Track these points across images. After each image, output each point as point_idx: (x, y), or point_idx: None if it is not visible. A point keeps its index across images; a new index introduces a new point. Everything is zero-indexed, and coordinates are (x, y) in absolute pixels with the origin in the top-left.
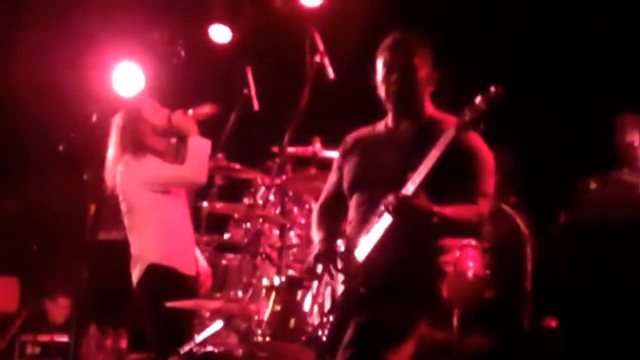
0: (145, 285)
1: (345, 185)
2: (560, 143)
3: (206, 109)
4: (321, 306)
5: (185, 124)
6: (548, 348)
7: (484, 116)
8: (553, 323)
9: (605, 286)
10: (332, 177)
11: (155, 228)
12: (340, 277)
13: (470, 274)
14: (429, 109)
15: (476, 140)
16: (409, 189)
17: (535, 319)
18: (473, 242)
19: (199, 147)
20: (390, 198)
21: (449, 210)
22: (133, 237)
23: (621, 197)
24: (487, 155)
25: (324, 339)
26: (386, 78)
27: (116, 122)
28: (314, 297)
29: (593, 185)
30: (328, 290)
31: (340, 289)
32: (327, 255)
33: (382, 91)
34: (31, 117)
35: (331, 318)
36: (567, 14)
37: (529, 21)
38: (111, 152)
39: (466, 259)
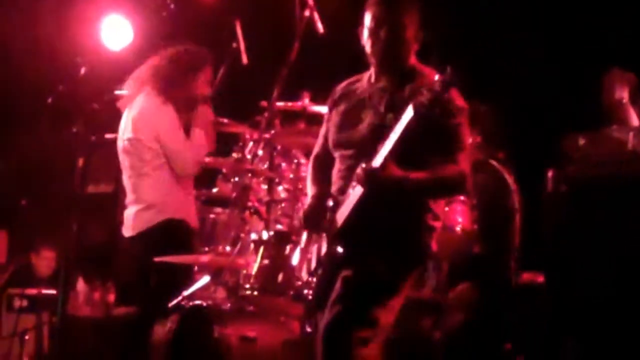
0: (156, 238)
1: (329, 142)
2: (548, 98)
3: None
4: (308, 263)
5: (207, 116)
6: (533, 303)
7: (439, 97)
8: (540, 278)
9: (593, 243)
10: (323, 129)
11: (173, 181)
12: (324, 236)
13: (458, 228)
14: (413, 61)
15: (453, 96)
16: (377, 161)
17: (522, 274)
18: (461, 197)
19: (204, 144)
20: (359, 170)
21: (425, 175)
22: (144, 187)
23: (610, 153)
24: (461, 108)
25: (310, 296)
26: (373, 33)
27: (172, 53)
28: (303, 252)
29: (582, 142)
30: (315, 247)
31: (325, 247)
32: (314, 213)
33: (367, 45)
34: (19, 71)
35: (316, 276)
36: None
37: None
38: (132, 82)
39: (454, 214)
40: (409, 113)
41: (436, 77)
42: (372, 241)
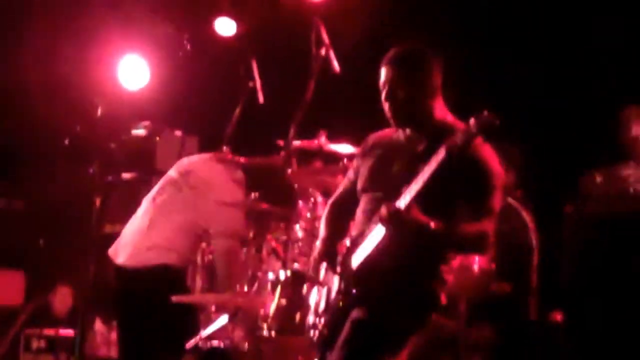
0: (146, 279)
1: (358, 186)
2: (566, 136)
3: None
4: (317, 306)
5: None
6: (553, 341)
7: (474, 140)
8: (558, 316)
9: (610, 280)
10: (350, 175)
11: (183, 231)
12: (336, 279)
13: (475, 267)
14: (439, 115)
15: (485, 152)
16: (402, 202)
17: (540, 313)
18: None
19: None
20: (383, 209)
21: (446, 228)
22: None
23: (627, 191)
24: (495, 170)
25: (315, 339)
26: (382, 95)
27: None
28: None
29: (599, 179)
30: (324, 290)
31: (336, 288)
32: (326, 255)
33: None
34: (37, 111)
35: (324, 318)
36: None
37: (534, 17)
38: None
39: None
40: (440, 154)
41: (471, 121)
42: (386, 285)
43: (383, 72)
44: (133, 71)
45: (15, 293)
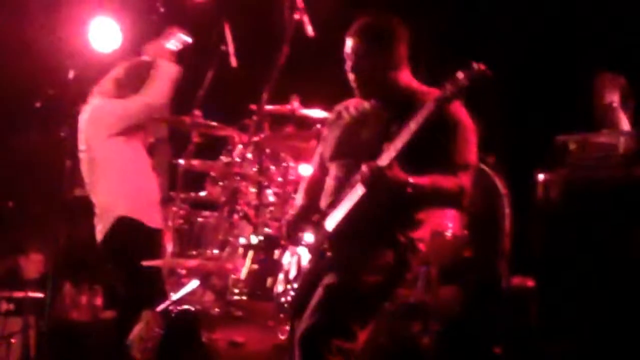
0: (113, 240)
1: (326, 154)
2: (538, 102)
3: (181, 38)
4: (286, 273)
5: (160, 50)
6: (523, 307)
7: (464, 91)
8: (529, 283)
9: (584, 247)
10: (319, 148)
11: (121, 179)
12: (309, 243)
13: (449, 233)
14: (404, 84)
15: (459, 110)
16: (384, 160)
17: (511, 279)
18: None
19: (164, 70)
20: (364, 168)
21: (425, 181)
22: (97, 190)
23: (600, 157)
24: (469, 126)
25: (286, 305)
26: (346, 66)
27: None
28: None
29: (572, 146)
30: (295, 258)
31: (307, 257)
32: (298, 222)
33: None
34: (7, 74)
35: (295, 285)
36: None
37: None
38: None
39: (445, 219)
40: (428, 107)
41: (458, 73)
42: (362, 249)
43: (348, 44)
44: (104, 33)
45: None
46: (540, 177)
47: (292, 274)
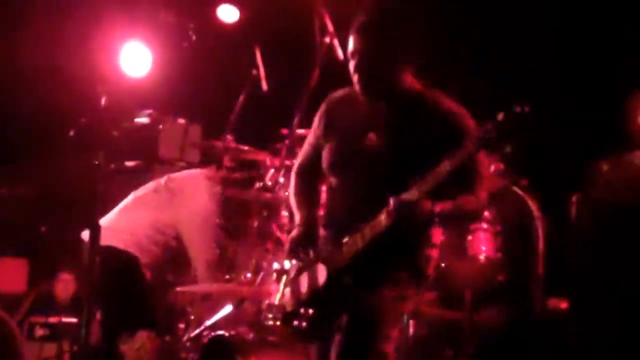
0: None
1: (324, 164)
2: (572, 124)
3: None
4: (296, 293)
5: None
6: (558, 329)
7: (503, 135)
8: (564, 304)
9: (617, 269)
10: (310, 139)
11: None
12: (322, 267)
13: (482, 257)
14: (408, 85)
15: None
16: (413, 194)
17: (546, 301)
18: (485, 225)
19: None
20: (393, 202)
21: (449, 207)
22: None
23: (633, 178)
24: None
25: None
26: (350, 66)
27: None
28: (289, 282)
29: (605, 167)
30: (304, 276)
31: (322, 278)
32: (306, 240)
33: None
34: (42, 101)
35: (311, 310)
36: None
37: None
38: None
39: (478, 243)
40: (468, 147)
41: (499, 115)
42: (383, 275)
43: (352, 41)
44: (136, 58)
45: (18, 280)
46: (574, 198)
47: (304, 293)
